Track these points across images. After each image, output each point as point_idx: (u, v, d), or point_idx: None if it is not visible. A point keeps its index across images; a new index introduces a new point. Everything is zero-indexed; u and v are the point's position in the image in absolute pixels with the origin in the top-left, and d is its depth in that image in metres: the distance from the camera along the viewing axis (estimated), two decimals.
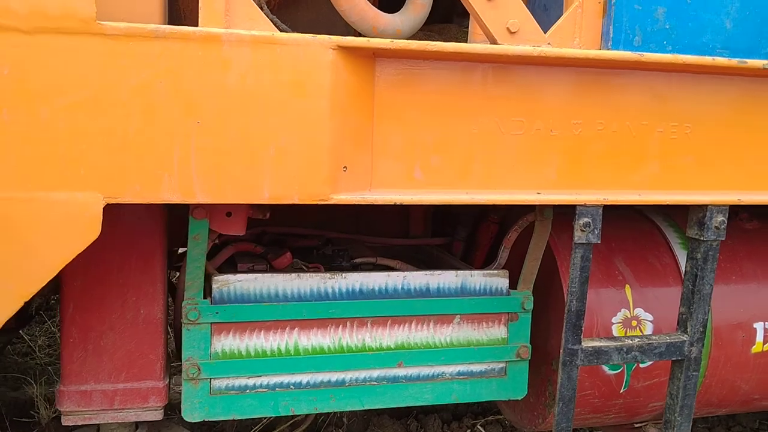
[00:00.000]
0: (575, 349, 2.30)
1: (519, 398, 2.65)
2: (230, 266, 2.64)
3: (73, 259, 1.83)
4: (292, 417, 3.58)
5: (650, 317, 2.79)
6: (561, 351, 2.31)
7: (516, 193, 2.20)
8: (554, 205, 2.43)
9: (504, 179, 2.22)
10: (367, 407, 2.48)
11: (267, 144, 1.93)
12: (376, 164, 2.12)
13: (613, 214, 3.14)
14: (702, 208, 2.38)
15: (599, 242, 2.22)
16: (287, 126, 1.94)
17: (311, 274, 2.38)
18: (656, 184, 2.32)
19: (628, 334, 2.74)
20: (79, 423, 2.32)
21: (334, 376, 2.42)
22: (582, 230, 2.20)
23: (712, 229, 2.37)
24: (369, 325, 2.43)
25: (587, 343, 2.33)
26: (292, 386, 2.39)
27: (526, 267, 2.54)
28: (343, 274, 2.41)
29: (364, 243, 3.34)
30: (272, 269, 2.64)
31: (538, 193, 2.22)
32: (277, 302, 2.35)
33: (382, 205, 2.01)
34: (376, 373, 2.46)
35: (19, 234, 1.80)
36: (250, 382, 2.36)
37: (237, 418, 2.38)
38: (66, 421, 2.32)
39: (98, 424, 2.43)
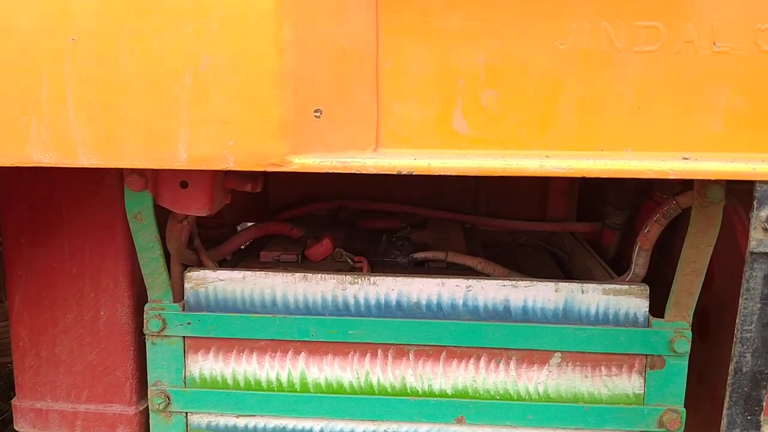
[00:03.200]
0: None
1: None
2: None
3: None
4: None
5: None
6: None
7: (639, 159, 1.22)
8: (728, 182, 1.38)
9: (617, 133, 1.25)
10: None
11: (179, 70, 1.18)
12: (384, 106, 1.28)
13: None
14: None
15: None
16: (208, 39, 1.17)
17: (324, 275, 1.59)
18: None
19: None
20: None
21: (361, 427, 1.64)
22: (766, 229, 1.16)
23: None
24: (411, 356, 1.59)
25: None
26: None
27: (679, 283, 1.51)
28: (372, 278, 1.59)
29: (476, 227, 2.47)
30: (305, 261, 1.91)
31: (685, 159, 1.22)
32: (275, 314, 1.61)
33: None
34: (424, 428, 1.62)
35: None
36: (241, 422, 1.65)
37: None
38: None
39: None
